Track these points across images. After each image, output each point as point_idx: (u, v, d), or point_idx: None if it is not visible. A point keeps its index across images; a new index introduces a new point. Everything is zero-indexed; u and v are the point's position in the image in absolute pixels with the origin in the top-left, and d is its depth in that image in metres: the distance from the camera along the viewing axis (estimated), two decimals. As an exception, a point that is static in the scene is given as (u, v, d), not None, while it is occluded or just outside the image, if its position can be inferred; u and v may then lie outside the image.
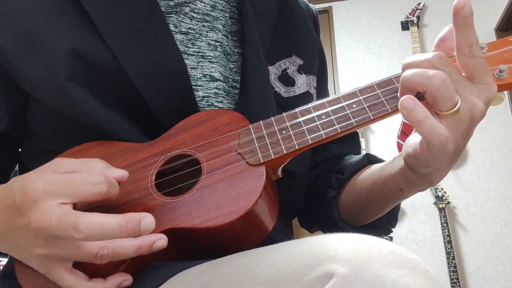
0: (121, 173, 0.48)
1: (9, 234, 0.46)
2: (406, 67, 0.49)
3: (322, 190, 0.70)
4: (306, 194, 0.72)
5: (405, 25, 3.52)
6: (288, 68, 0.68)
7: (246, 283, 0.36)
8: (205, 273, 0.41)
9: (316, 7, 3.52)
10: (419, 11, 3.48)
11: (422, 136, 0.46)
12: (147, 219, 0.44)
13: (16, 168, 0.68)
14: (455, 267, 2.79)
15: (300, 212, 0.74)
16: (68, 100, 0.54)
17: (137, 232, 0.43)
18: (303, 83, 0.68)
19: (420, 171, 0.51)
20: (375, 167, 0.65)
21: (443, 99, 0.45)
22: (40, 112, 0.59)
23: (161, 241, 0.45)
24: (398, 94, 0.50)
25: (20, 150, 0.65)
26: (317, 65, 0.76)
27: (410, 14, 3.48)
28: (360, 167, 0.68)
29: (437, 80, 0.44)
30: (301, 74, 0.68)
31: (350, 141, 0.78)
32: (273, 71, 0.66)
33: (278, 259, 0.37)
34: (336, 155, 0.75)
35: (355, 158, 0.71)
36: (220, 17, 0.65)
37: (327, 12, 3.75)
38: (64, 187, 0.43)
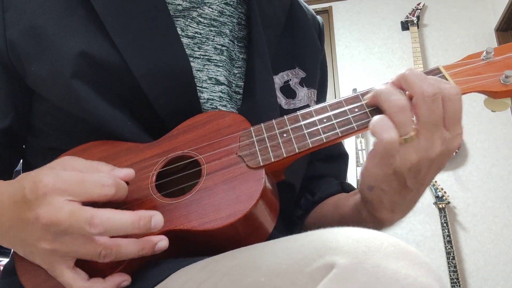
0: (127, 172, 0.49)
1: (15, 229, 0.46)
2: (398, 81, 0.49)
3: (292, 206, 0.71)
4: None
5: (405, 25, 3.51)
6: (290, 80, 0.68)
7: (248, 275, 0.36)
8: (207, 268, 0.42)
9: (316, 7, 3.46)
10: (419, 11, 3.48)
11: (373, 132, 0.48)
12: (157, 217, 0.45)
13: (19, 165, 0.68)
14: (455, 267, 2.79)
15: None
16: (72, 97, 0.54)
17: (147, 229, 0.44)
18: (304, 96, 0.68)
19: (365, 195, 0.53)
20: (344, 195, 0.67)
21: (397, 125, 0.47)
22: (44, 110, 0.60)
23: (163, 242, 0.46)
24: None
25: (24, 147, 0.66)
26: (318, 78, 0.76)
27: (410, 14, 3.48)
28: (330, 194, 0.69)
29: (394, 105, 0.47)
30: (303, 87, 0.69)
31: (339, 162, 0.78)
32: (276, 81, 0.66)
33: (280, 252, 0.37)
34: (321, 175, 0.75)
35: (330, 183, 0.72)
36: (227, 23, 0.65)
37: (327, 12, 3.75)
38: (75, 185, 0.44)
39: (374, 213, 0.54)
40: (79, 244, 0.43)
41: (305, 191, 0.72)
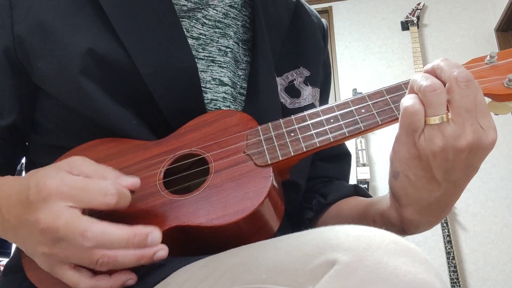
0: (133, 181, 0.48)
1: (18, 227, 0.46)
2: (432, 69, 0.49)
3: (302, 208, 0.71)
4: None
5: (405, 25, 3.52)
6: (295, 79, 0.68)
7: (248, 273, 0.36)
8: (208, 266, 0.42)
9: (316, 7, 3.48)
10: (419, 11, 3.48)
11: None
12: (154, 234, 0.44)
13: (23, 165, 0.68)
14: (455, 267, 2.80)
15: None
16: (78, 94, 0.54)
17: (143, 246, 0.44)
18: (309, 95, 0.69)
19: (392, 187, 0.52)
20: (362, 199, 0.66)
21: (428, 106, 0.46)
22: (50, 108, 0.60)
23: (162, 251, 0.45)
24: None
25: (27, 144, 0.66)
26: (322, 78, 0.76)
27: (410, 14, 3.48)
28: (344, 196, 0.69)
29: (427, 87, 0.46)
30: (307, 86, 0.69)
31: (342, 161, 0.78)
32: (280, 82, 0.67)
33: (281, 249, 0.37)
34: (325, 176, 0.75)
35: (343, 186, 0.72)
36: (232, 25, 0.66)
37: (327, 12, 3.75)
38: (78, 192, 0.43)
39: (400, 211, 0.53)
40: (75, 251, 0.43)
41: (316, 193, 0.71)
